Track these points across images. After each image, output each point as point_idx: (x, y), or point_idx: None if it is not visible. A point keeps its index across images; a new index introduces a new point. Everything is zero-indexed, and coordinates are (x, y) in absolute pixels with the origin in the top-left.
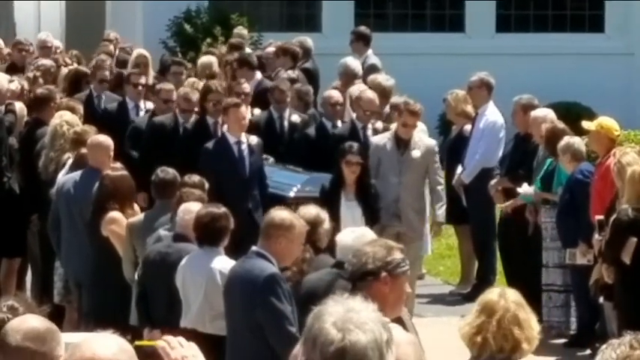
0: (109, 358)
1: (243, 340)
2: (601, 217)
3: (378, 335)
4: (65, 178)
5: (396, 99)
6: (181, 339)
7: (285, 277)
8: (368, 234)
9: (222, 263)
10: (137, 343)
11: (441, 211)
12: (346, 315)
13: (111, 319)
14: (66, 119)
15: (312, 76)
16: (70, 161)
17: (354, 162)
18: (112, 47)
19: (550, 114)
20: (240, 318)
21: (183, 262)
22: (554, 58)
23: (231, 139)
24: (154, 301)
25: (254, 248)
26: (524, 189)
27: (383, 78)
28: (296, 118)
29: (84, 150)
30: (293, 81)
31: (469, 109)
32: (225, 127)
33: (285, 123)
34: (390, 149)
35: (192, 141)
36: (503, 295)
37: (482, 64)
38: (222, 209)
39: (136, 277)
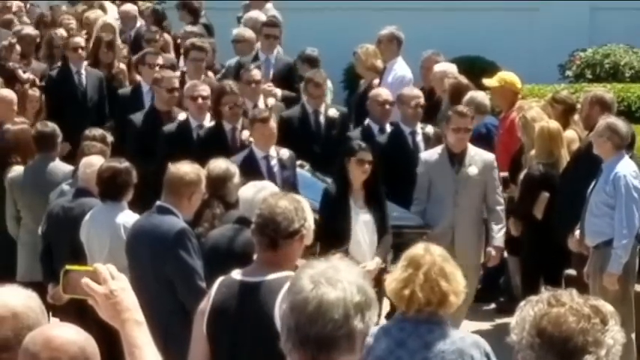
0: (20, 307)
1: (150, 295)
2: (505, 174)
3: (349, 295)
4: None
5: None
6: (112, 268)
7: (198, 234)
8: (269, 187)
9: (126, 218)
10: (68, 267)
11: (500, 235)
12: (324, 270)
13: None
14: None
15: (209, 32)
16: None
17: (367, 160)
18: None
19: (451, 68)
20: (148, 272)
21: (87, 217)
22: (459, 12)
23: (259, 154)
24: (59, 256)
25: (158, 203)
26: None
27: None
28: (334, 112)
29: None
30: (197, 35)
31: (379, 63)
32: (245, 133)
33: (322, 119)
34: (443, 166)
35: (208, 149)
36: (428, 249)
37: (387, 18)
38: (124, 164)
39: (40, 232)
